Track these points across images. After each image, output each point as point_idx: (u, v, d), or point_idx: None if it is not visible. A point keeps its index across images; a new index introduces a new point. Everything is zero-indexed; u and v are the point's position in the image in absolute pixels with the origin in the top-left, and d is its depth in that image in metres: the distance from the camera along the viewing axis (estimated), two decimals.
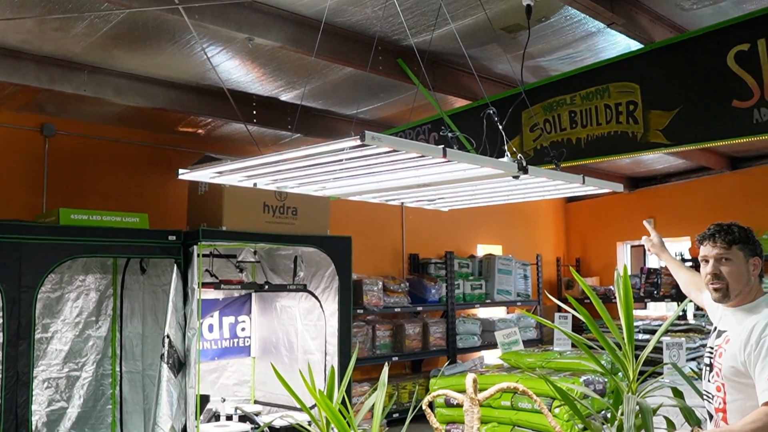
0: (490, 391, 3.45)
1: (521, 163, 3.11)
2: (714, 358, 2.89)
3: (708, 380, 2.95)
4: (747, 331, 2.73)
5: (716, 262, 2.87)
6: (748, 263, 2.86)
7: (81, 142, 6.82)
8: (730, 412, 2.79)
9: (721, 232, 2.88)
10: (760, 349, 2.65)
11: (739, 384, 2.75)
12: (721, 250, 2.87)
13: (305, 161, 2.92)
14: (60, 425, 6.41)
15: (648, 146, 5.59)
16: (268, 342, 7.81)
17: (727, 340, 2.85)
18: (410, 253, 9.98)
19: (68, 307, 6.50)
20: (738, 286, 2.85)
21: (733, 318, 2.88)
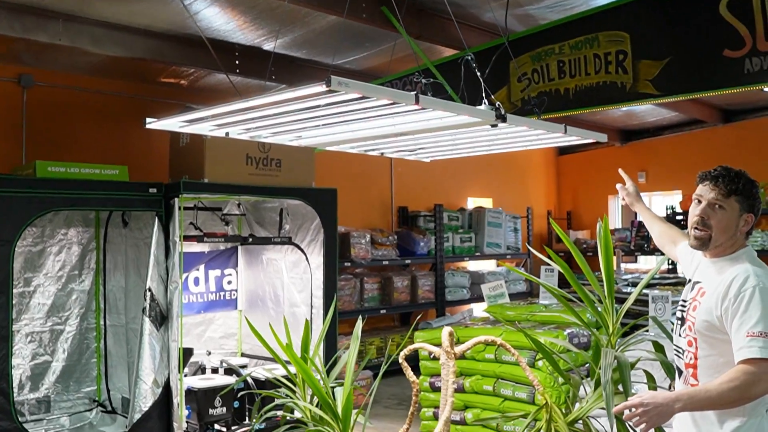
0: (467, 345, 3.40)
1: (499, 111, 3.00)
2: (687, 312, 2.72)
3: (679, 335, 2.77)
4: (725, 284, 2.55)
5: (708, 207, 2.64)
6: (740, 218, 2.64)
7: (60, 93, 6.67)
8: (701, 368, 2.63)
9: (725, 177, 2.63)
10: (738, 304, 2.48)
11: (713, 339, 2.59)
12: (718, 195, 2.63)
13: (275, 108, 2.82)
14: (44, 378, 6.39)
15: (637, 97, 5.48)
16: (254, 295, 7.77)
17: (702, 293, 2.66)
18: (399, 206, 9.91)
19: (50, 261, 6.43)
20: (721, 238, 2.64)
21: (712, 269, 2.69)
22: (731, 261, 2.65)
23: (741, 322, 2.46)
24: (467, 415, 5.57)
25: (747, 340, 2.42)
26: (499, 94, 6.18)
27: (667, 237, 3.26)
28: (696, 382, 2.64)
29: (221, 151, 6.16)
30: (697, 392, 2.46)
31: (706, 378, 2.59)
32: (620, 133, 11.11)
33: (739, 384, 2.39)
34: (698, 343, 2.63)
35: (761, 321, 2.43)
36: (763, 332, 2.42)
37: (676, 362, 2.80)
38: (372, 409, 7.36)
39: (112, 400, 6.69)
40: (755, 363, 2.39)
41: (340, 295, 8.35)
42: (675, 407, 2.38)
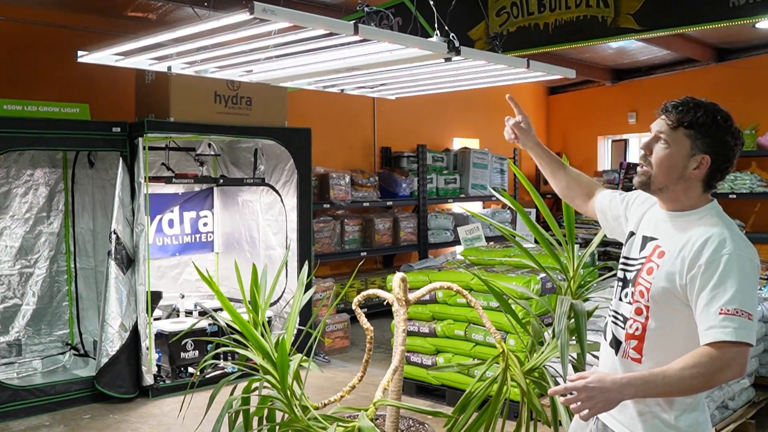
0: (421, 292, 3.27)
1: (452, 43, 2.79)
2: (639, 274, 2.22)
3: (620, 299, 2.30)
4: (693, 246, 2.09)
5: (653, 139, 2.19)
6: (689, 158, 2.14)
7: (21, 27, 6.39)
8: (648, 341, 2.19)
9: (679, 107, 2.16)
10: (711, 273, 2.03)
11: (669, 309, 2.15)
12: (663, 126, 2.17)
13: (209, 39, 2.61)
14: (15, 322, 6.29)
15: (618, 32, 5.25)
16: (231, 237, 7.64)
17: (660, 253, 2.17)
18: (382, 147, 9.69)
19: (17, 202, 6.26)
20: (663, 179, 2.17)
21: (670, 225, 2.21)
22: (697, 219, 2.18)
23: (712, 296, 2.01)
24: (439, 359, 5.48)
25: (719, 319, 1.99)
26: (476, 30, 5.93)
27: (577, 188, 2.67)
28: (638, 356, 2.21)
29: (188, 89, 5.94)
30: (653, 377, 2.00)
31: (653, 353, 2.19)
32: (611, 72, 10.83)
33: (705, 371, 1.97)
34: (650, 312, 2.17)
35: (737, 296, 2.00)
36: (738, 309, 1.98)
37: (612, 331, 2.32)
38: (350, 352, 7.37)
39: (84, 344, 6.61)
40: (725, 346, 1.97)
41: (319, 237, 8.21)
42: (625, 394, 1.99)
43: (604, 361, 2.38)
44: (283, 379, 2.61)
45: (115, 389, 5.63)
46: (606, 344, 2.36)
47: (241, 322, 2.78)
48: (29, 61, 6.48)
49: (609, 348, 2.33)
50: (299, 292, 3.05)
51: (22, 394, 5.40)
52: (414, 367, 5.65)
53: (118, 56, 3.00)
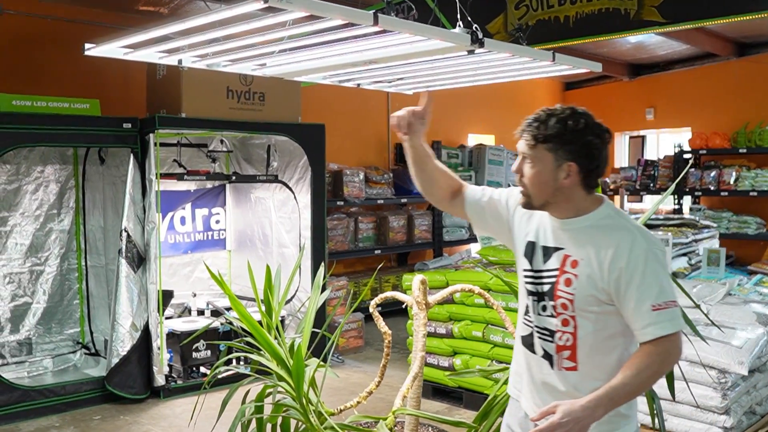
0: (441, 294, 3.15)
1: (476, 35, 2.65)
2: (557, 287, 2.19)
3: (539, 313, 2.25)
4: (609, 251, 2.10)
5: (521, 160, 2.20)
6: (558, 169, 2.13)
7: (33, 22, 6.30)
8: (581, 348, 2.19)
9: (532, 124, 2.16)
10: (632, 273, 2.07)
11: (598, 314, 2.15)
12: (524, 147, 2.18)
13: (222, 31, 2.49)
14: (25, 320, 6.22)
15: (642, 24, 5.09)
16: (243, 235, 7.53)
17: (573, 263, 2.16)
18: (396, 143, 9.55)
19: (27, 199, 6.18)
20: (540, 195, 2.18)
21: (572, 233, 2.20)
22: (597, 222, 2.18)
23: (640, 295, 2.06)
24: (456, 361, 5.35)
25: (654, 316, 2.05)
26: (495, 23, 5.79)
27: (444, 181, 2.49)
28: (573, 364, 2.20)
29: (200, 84, 5.83)
30: (616, 391, 2.04)
31: (587, 358, 2.18)
32: (629, 67, 10.64)
33: (657, 368, 2.07)
34: (577, 321, 2.17)
35: (662, 290, 2.07)
36: (666, 302, 2.06)
37: (541, 346, 2.27)
38: (364, 352, 7.25)
39: (95, 342, 6.52)
40: (665, 339, 2.06)
41: (333, 235, 8.10)
42: (596, 415, 2.00)
43: (534, 372, 2.31)
44: (298, 387, 2.49)
45: (125, 390, 5.54)
46: (537, 357, 2.29)
47: (254, 327, 2.66)
48: (39, 56, 6.39)
49: (542, 360, 2.28)
50: (315, 294, 2.93)
51: (32, 395, 5.32)
52: (430, 369, 5.52)
53: (126, 49, 2.89)
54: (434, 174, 2.47)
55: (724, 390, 4.23)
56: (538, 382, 2.28)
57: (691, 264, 7.52)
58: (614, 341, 2.18)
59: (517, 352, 2.40)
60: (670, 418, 4.38)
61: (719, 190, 9.43)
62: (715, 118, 9.92)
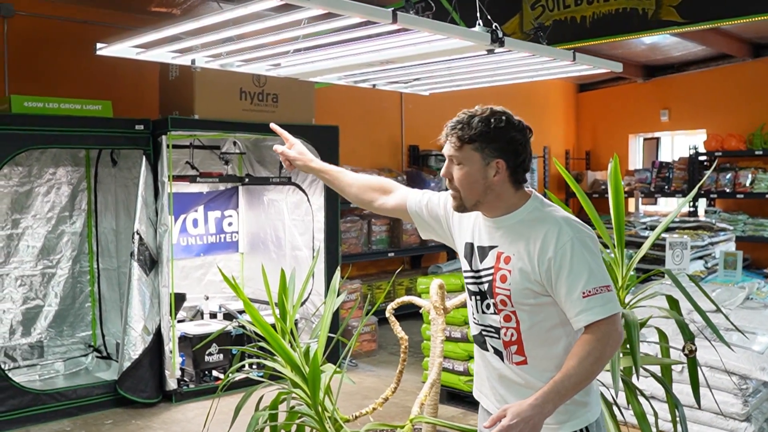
0: (459, 299, 3.08)
1: (496, 34, 2.59)
2: (495, 284, 2.20)
3: (483, 311, 2.27)
4: (536, 244, 2.13)
5: (449, 163, 2.21)
6: (486, 167, 2.15)
7: (44, 23, 6.27)
8: (527, 341, 2.20)
9: (455, 126, 2.18)
10: (560, 263, 2.08)
11: (535, 306, 2.17)
12: (451, 149, 2.19)
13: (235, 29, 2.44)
14: (37, 323, 6.19)
15: (660, 24, 5.01)
16: (256, 237, 7.48)
17: (506, 259, 2.18)
18: (410, 145, 9.50)
19: (39, 201, 6.15)
20: (473, 196, 2.18)
21: (504, 231, 2.22)
22: (526, 216, 2.20)
23: (570, 283, 2.08)
24: (471, 365, 5.28)
25: (584, 303, 2.06)
26: (510, 23, 5.72)
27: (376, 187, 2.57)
28: (522, 358, 2.21)
29: (212, 85, 5.79)
30: (563, 385, 2.04)
31: (534, 350, 2.20)
32: (643, 68, 10.53)
33: (599, 354, 2.06)
34: (518, 315, 2.19)
35: (591, 276, 2.08)
36: (596, 287, 2.07)
37: (490, 343, 2.28)
38: (377, 356, 7.18)
39: (107, 346, 6.49)
40: (600, 324, 2.07)
41: (346, 237, 8.04)
42: (546, 412, 2.00)
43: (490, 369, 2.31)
44: (314, 395, 2.43)
45: (137, 394, 5.50)
46: (490, 354, 2.30)
47: (268, 332, 2.61)
48: (51, 57, 6.36)
49: (494, 356, 2.28)
50: (330, 298, 2.86)
51: (43, 398, 5.28)
52: (446, 373, 5.45)
53: (138, 49, 2.84)
54: (353, 189, 2.57)
55: (744, 396, 4.15)
56: (495, 378, 2.29)
57: (708, 267, 7.43)
58: (557, 331, 2.19)
59: (475, 353, 2.42)
60: (690, 425, 4.30)
61: (735, 192, 9.32)
62: (731, 119, 9.81)
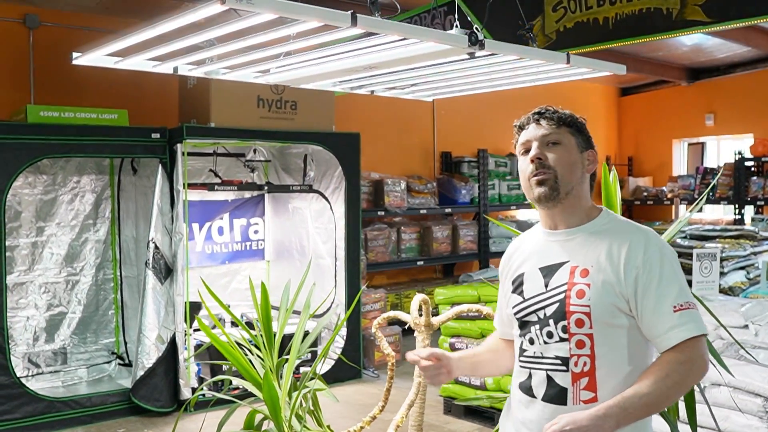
0: (446, 315, 2.94)
1: (475, 36, 2.45)
2: (569, 302, 1.94)
3: (544, 342, 1.99)
4: (622, 251, 1.92)
5: (541, 145, 2.03)
6: (581, 154, 2.04)
7: (68, 33, 6.32)
8: (599, 372, 1.92)
9: (546, 112, 2.08)
10: (651, 274, 1.88)
11: (614, 328, 1.92)
12: (547, 129, 2.04)
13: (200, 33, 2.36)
14: (60, 330, 6.24)
15: (685, 25, 4.78)
16: (281, 245, 7.43)
17: (583, 272, 1.94)
18: (442, 152, 9.35)
19: (63, 209, 6.20)
20: (570, 178, 2.00)
21: (575, 243, 2.01)
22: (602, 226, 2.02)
23: (660, 295, 1.86)
24: (487, 380, 5.12)
25: (677, 317, 1.85)
26: (534, 26, 5.55)
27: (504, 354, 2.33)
28: (592, 394, 1.92)
29: (229, 93, 5.75)
30: (629, 401, 1.79)
31: (605, 383, 1.91)
32: (687, 71, 10.19)
33: (680, 378, 1.82)
34: (594, 339, 1.92)
35: (681, 290, 1.89)
36: (687, 302, 1.87)
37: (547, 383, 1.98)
38: (400, 367, 7.04)
39: (129, 353, 6.50)
40: (689, 344, 1.84)
41: (373, 245, 7.93)
42: (605, 426, 1.75)
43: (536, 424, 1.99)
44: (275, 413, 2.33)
45: (151, 402, 5.48)
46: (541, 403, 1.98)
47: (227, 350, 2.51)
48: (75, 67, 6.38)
49: (546, 405, 1.97)
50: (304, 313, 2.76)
51: (57, 406, 5.29)
52: (462, 387, 5.30)
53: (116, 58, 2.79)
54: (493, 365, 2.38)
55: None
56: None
57: (750, 278, 7.11)
58: (634, 361, 1.93)
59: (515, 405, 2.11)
60: None
61: None
62: None
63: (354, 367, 6.38)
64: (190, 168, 6.47)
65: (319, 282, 6.68)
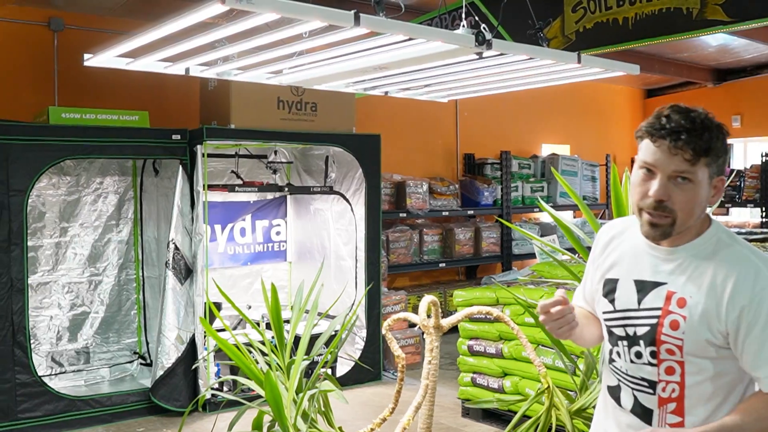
0: (456, 317, 2.93)
1: (482, 36, 2.43)
2: (661, 330, 1.82)
3: (631, 360, 1.89)
4: (727, 285, 1.76)
5: (669, 180, 1.76)
6: (709, 185, 1.78)
7: (92, 36, 6.39)
8: (688, 400, 1.83)
9: (690, 132, 1.73)
10: (756, 311, 1.73)
11: (710, 360, 1.81)
12: (683, 163, 1.73)
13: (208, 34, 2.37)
14: (83, 329, 6.31)
15: (705, 24, 4.72)
16: (303, 247, 7.45)
17: (680, 301, 1.80)
18: (465, 153, 9.32)
19: (86, 210, 6.27)
20: (689, 221, 1.79)
21: (678, 264, 1.84)
22: (710, 247, 1.82)
23: (765, 338, 1.73)
24: (505, 383, 5.08)
25: None
26: (552, 27, 5.51)
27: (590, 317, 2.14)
28: (679, 419, 1.84)
29: (249, 95, 5.78)
30: (727, 429, 1.74)
31: (695, 410, 1.83)
32: (713, 72, 10.06)
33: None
34: (685, 368, 1.81)
35: None
36: None
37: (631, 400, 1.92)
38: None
39: (150, 353, 6.55)
40: None
41: (395, 247, 7.93)
42: None
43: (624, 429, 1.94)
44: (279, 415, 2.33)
45: (170, 402, 5.51)
46: (626, 413, 1.93)
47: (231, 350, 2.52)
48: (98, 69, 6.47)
49: (633, 417, 1.91)
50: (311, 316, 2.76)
51: (78, 405, 5.35)
52: (480, 390, 5.27)
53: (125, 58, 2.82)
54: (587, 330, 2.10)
55: None
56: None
57: None
58: (730, 389, 1.84)
59: (599, 406, 2.06)
60: None
61: None
62: None
63: (374, 369, 6.38)
64: (213, 169, 6.51)
65: (339, 283, 6.70)
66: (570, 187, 9.33)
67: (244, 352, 2.58)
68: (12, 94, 6.08)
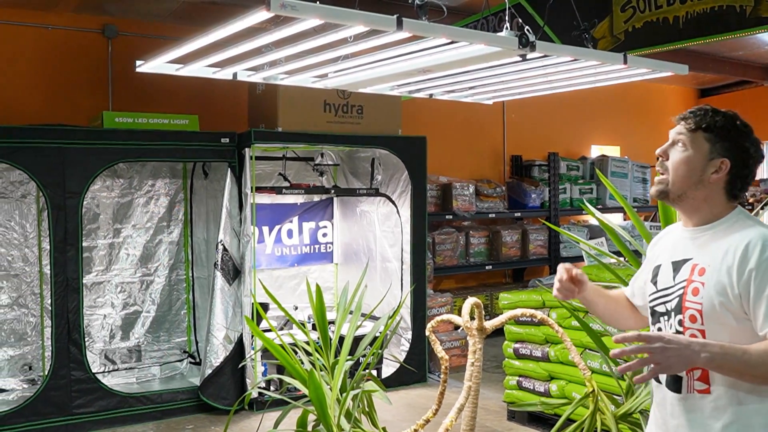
0: (500, 319, 2.92)
1: (525, 38, 2.42)
2: (685, 298, 2.00)
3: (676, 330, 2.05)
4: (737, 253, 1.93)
5: (670, 144, 2.07)
6: (708, 161, 2.01)
7: (145, 42, 6.54)
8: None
9: (698, 112, 2.05)
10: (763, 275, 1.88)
11: (725, 326, 1.95)
12: (682, 130, 2.05)
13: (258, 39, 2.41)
14: (135, 328, 6.46)
15: (759, 22, 4.62)
16: (349, 248, 7.50)
17: (700, 271, 1.99)
18: (512, 155, 9.26)
19: (138, 212, 6.43)
20: (681, 184, 2.03)
21: (701, 241, 2.06)
22: (728, 226, 2.02)
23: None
24: (552, 386, 5.04)
25: None
26: (600, 27, 5.45)
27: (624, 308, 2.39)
28: (705, 386, 1.97)
29: (296, 98, 5.85)
30: (733, 350, 1.85)
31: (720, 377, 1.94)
32: None
33: None
34: (706, 335, 1.96)
35: None
36: None
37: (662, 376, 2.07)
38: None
39: (200, 352, 6.67)
40: None
41: (441, 249, 7.92)
42: (701, 356, 1.82)
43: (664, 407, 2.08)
44: (323, 414, 2.36)
45: (218, 401, 5.61)
46: (663, 388, 2.07)
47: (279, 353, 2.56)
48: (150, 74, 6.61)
49: (665, 390, 2.06)
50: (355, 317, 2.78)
51: (130, 401, 5.48)
52: (525, 393, 5.24)
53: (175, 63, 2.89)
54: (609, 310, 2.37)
55: None
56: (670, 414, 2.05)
57: None
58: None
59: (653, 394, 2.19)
60: None
61: None
62: None
63: (419, 371, 6.39)
64: (261, 172, 6.60)
65: (385, 285, 6.72)
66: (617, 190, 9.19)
67: (289, 352, 2.61)
68: (68, 99, 6.26)
